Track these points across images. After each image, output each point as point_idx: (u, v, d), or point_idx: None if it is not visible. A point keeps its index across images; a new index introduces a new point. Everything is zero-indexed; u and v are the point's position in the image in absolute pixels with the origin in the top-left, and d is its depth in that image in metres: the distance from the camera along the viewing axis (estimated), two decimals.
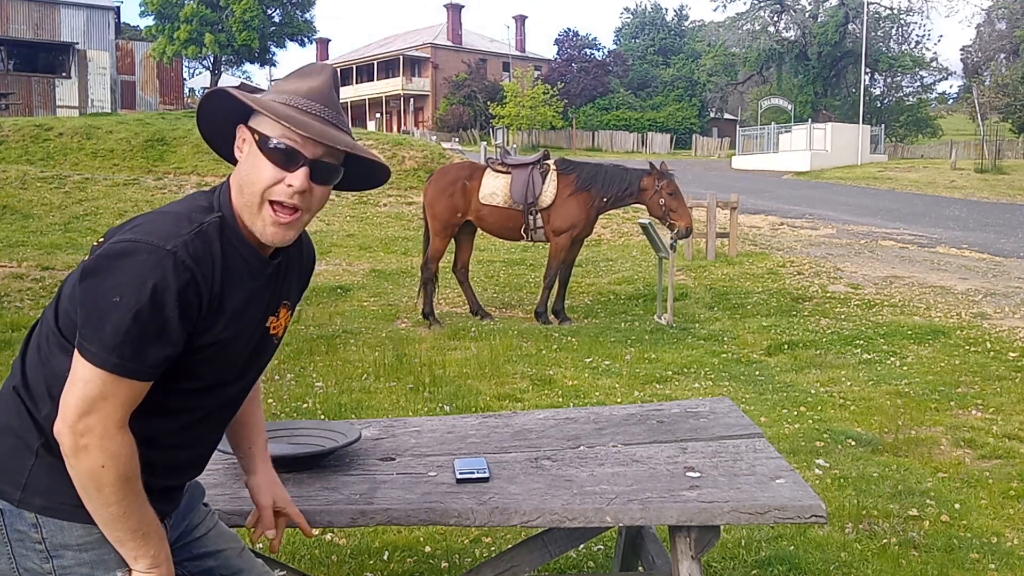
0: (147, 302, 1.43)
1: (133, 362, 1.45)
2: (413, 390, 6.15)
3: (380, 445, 2.46)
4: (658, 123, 58.70)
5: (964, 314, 8.54)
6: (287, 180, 1.55)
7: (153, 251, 1.45)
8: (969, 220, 18.87)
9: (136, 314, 1.43)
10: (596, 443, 2.46)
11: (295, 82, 1.61)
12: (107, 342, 1.44)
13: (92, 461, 1.45)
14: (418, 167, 21.26)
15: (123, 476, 1.48)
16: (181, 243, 1.47)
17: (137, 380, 1.47)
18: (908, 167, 33.28)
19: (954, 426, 5.07)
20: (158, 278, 1.44)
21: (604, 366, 6.82)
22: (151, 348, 1.46)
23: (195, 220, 1.53)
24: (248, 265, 1.61)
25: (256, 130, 1.57)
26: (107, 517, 1.50)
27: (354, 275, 11.54)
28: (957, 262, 12.43)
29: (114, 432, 1.46)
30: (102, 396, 1.45)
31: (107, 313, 1.44)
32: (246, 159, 1.59)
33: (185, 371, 1.56)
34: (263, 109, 1.54)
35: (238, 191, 1.59)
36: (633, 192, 8.55)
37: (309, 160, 1.56)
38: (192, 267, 1.47)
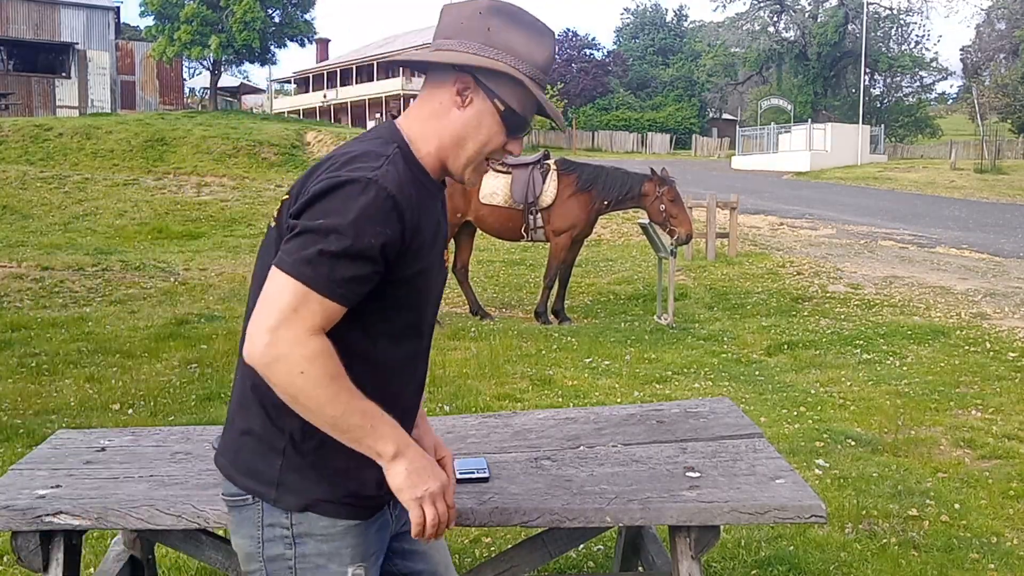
0: (349, 225, 1.45)
1: (326, 278, 1.45)
2: None
3: None
4: (658, 123, 58.65)
5: (964, 314, 8.54)
6: (509, 146, 1.65)
7: (354, 181, 1.48)
8: (969, 220, 18.87)
9: (337, 236, 1.45)
10: (596, 443, 2.46)
11: (526, 43, 1.62)
12: (303, 255, 1.45)
13: (288, 369, 1.44)
14: None
15: (328, 376, 1.46)
16: (382, 171, 1.50)
17: (328, 298, 1.46)
18: (908, 167, 33.27)
19: (954, 426, 5.07)
20: (363, 204, 1.46)
21: (604, 366, 6.82)
22: (345, 267, 1.46)
23: (382, 152, 1.56)
24: (428, 191, 1.63)
25: (497, 94, 1.60)
26: (329, 421, 1.49)
27: None
28: (957, 262, 12.43)
29: (306, 338, 1.45)
30: (292, 308, 1.45)
31: (307, 235, 1.46)
32: (474, 115, 1.61)
33: (396, 302, 1.58)
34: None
35: (454, 141, 1.62)
36: (634, 196, 8.55)
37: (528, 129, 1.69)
38: (394, 193, 1.49)
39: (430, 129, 1.63)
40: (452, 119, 1.62)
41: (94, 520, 2.05)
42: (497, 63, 1.58)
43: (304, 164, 21.65)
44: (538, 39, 1.63)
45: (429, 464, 1.57)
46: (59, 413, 5.65)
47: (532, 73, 1.61)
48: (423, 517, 1.55)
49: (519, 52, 1.60)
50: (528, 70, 1.60)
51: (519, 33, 1.62)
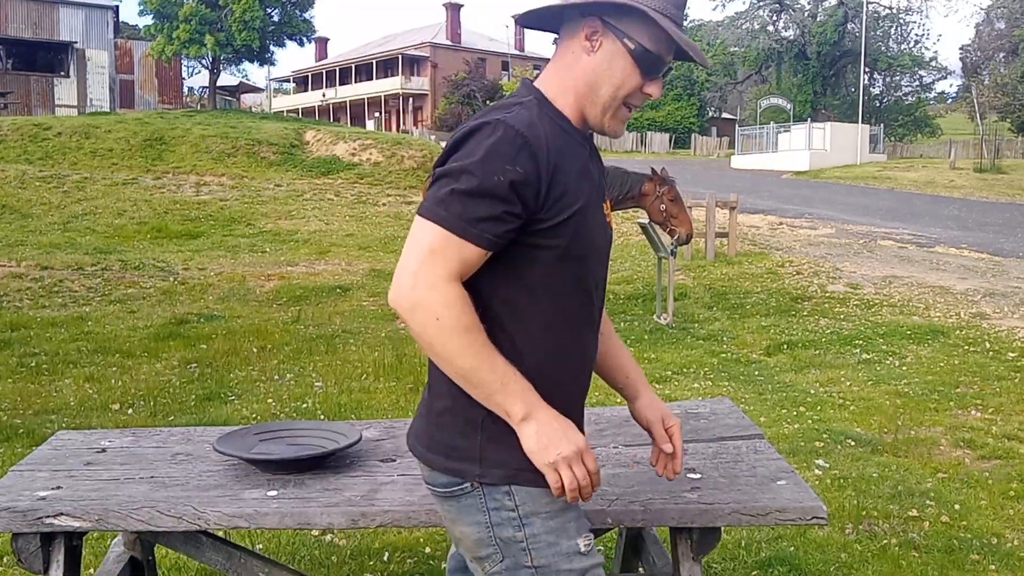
0: (477, 164, 1.45)
1: (459, 217, 1.45)
2: (413, 390, 6.15)
3: (381, 446, 2.46)
4: (657, 122, 58.63)
5: (963, 314, 8.55)
6: (646, 88, 1.59)
7: (485, 124, 1.48)
8: (968, 220, 18.88)
9: (466, 175, 1.45)
10: (597, 444, 2.45)
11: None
12: (437, 197, 1.47)
13: (425, 314, 1.44)
14: (417, 166, 21.28)
15: (462, 325, 1.45)
16: (513, 114, 1.50)
17: (462, 238, 1.45)
18: (907, 167, 33.28)
19: (954, 426, 5.07)
20: (491, 143, 1.46)
21: None
22: (476, 205, 1.45)
23: (516, 101, 1.57)
24: (570, 137, 1.60)
25: (627, 34, 1.55)
26: (461, 373, 1.49)
27: (353, 275, 11.54)
28: (956, 262, 12.44)
29: (442, 284, 1.45)
30: (430, 249, 1.45)
31: (442, 179, 1.48)
32: (606, 58, 1.57)
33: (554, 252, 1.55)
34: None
35: (588, 88, 1.59)
36: (634, 196, 8.52)
37: (669, 66, 1.60)
38: (523, 131, 1.47)
39: (566, 81, 1.60)
40: (583, 65, 1.58)
41: (95, 522, 2.05)
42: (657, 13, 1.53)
43: (303, 163, 21.66)
44: None
45: (562, 427, 1.51)
46: (59, 413, 5.65)
47: (663, 8, 1.54)
48: (559, 481, 1.50)
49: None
50: (659, 4, 1.54)
51: None
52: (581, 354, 1.69)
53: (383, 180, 20.44)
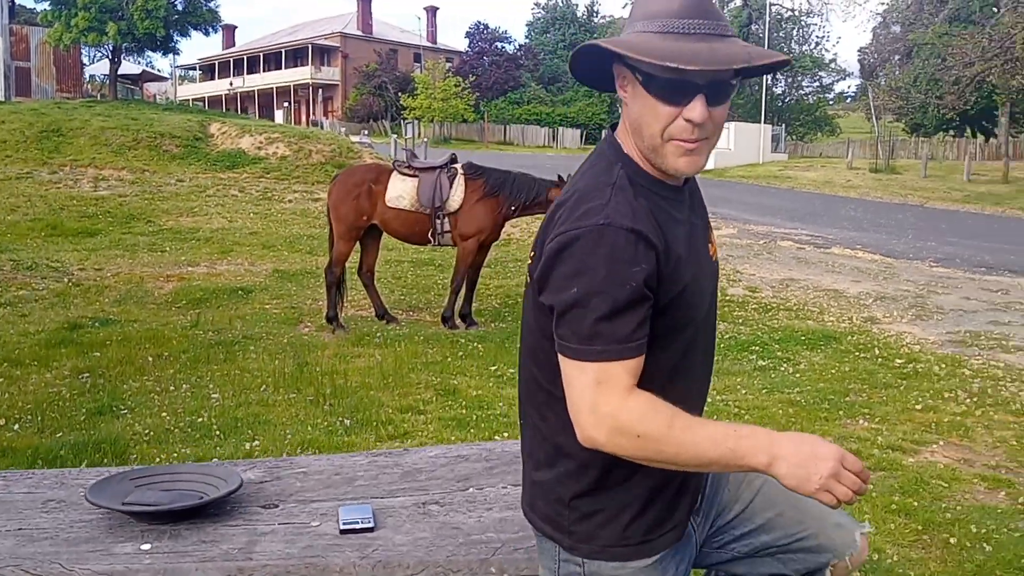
0: (605, 281, 1.42)
1: (613, 342, 1.43)
2: (313, 402, 6.05)
3: (263, 490, 2.40)
4: (569, 118, 59.16)
5: (855, 318, 8.85)
6: (684, 115, 1.46)
7: (588, 232, 1.43)
8: (863, 220, 19.58)
9: (599, 297, 1.42)
10: (486, 484, 2.45)
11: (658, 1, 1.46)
12: (581, 334, 1.44)
13: (629, 439, 1.44)
14: (325, 161, 20.97)
15: (662, 425, 1.44)
16: (611, 208, 1.45)
17: (623, 359, 1.44)
18: (807, 166, 34.33)
19: (842, 436, 5.24)
20: (606, 254, 1.42)
21: (509, 374, 6.83)
22: (624, 322, 1.43)
23: (607, 182, 1.51)
24: (669, 201, 1.56)
25: (637, 68, 1.46)
26: (693, 464, 1.48)
27: (256, 276, 11.30)
28: (851, 264, 12.87)
29: (625, 403, 1.44)
30: (597, 384, 1.44)
31: (571, 312, 1.44)
32: (634, 100, 1.51)
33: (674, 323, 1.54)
34: (635, 54, 1.42)
35: (637, 134, 1.54)
36: (541, 202, 8.59)
37: (702, 87, 1.44)
38: (631, 226, 1.44)
39: (629, 137, 1.57)
40: (627, 114, 1.55)
41: None
42: (602, 43, 1.50)
43: (207, 157, 21.10)
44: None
45: (810, 447, 1.46)
46: None
47: (665, 26, 1.43)
48: (834, 500, 1.45)
49: (653, 11, 1.46)
50: (660, 25, 1.44)
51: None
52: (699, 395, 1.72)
53: (290, 175, 20.07)
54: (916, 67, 42.48)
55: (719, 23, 1.45)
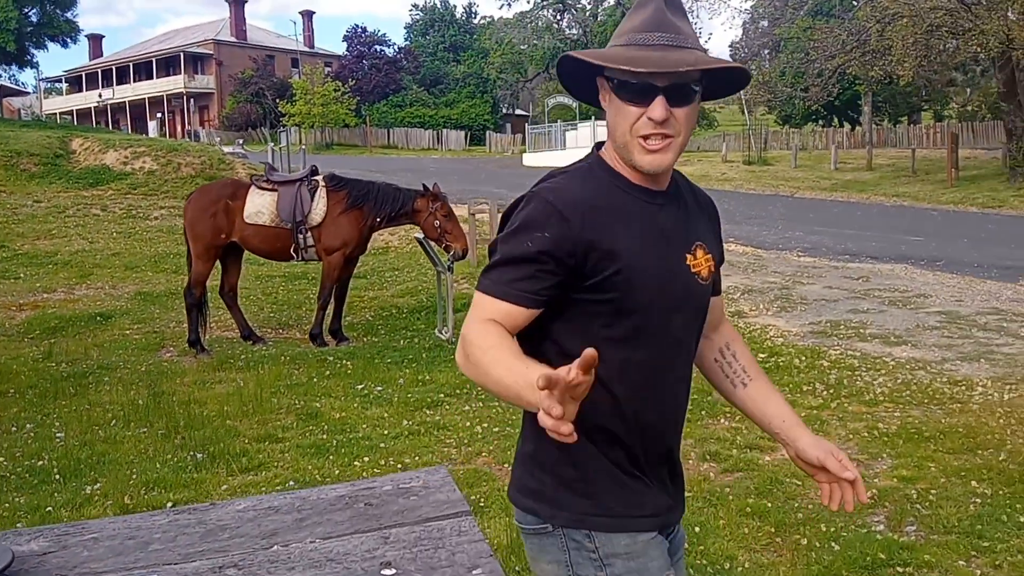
0: (511, 235, 1.63)
1: (495, 282, 1.62)
2: (165, 436, 5.75)
3: (44, 563, 2.17)
4: (452, 120, 59.01)
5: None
6: (647, 114, 1.62)
7: (522, 199, 1.68)
8: (736, 213, 20.05)
9: (501, 246, 1.64)
10: (293, 540, 2.28)
11: (629, 20, 1.68)
12: (484, 270, 1.66)
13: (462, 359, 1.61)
14: (196, 174, 20.27)
15: (483, 349, 1.57)
16: (549, 184, 1.68)
17: (497, 298, 1.61)
18: (684, 160, 35.04)
19: (703, 438, 5.26)
20: (524, 215, 1.63)
21: (376, 393, 6.65)
22: (508, 271, 1.61)
23: (567, 169, 1.74)
24: (632, 197, 1.70)
25: (610, 78, 1.66)
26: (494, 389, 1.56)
27: (117, 300, 10.78)
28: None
29: (472, 325, 1.61)
30: (472, 309, 1.65)
31: (491, 254, 1.68)
32: (609, 107, 1.69)
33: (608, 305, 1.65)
34: (603, 61, 1.64)
35: (611, 136, 1.71)
36: (407, 212, 8.43)
37: (661, 88, 1.61)
38: (551, 199, 1.62)
39: (608, 139, 1.74)
40: (607, 119, 1.71)
41: None
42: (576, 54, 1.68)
43: (69, 175, 20.11)
44: (639, 8, 1.69)
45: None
46: None
47: (630, 40, 1.64)
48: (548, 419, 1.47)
49: (623, 29, 1.68)
50: (626, 40, 1.65)
51: (627, 16, 1.71)
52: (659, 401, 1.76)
53: (158, 190, 19.30)
54: (782, 61, 44.03)
55: (678, 36, 1.63)
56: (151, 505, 4.55)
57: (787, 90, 34.28)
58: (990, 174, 25.66)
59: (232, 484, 4.85)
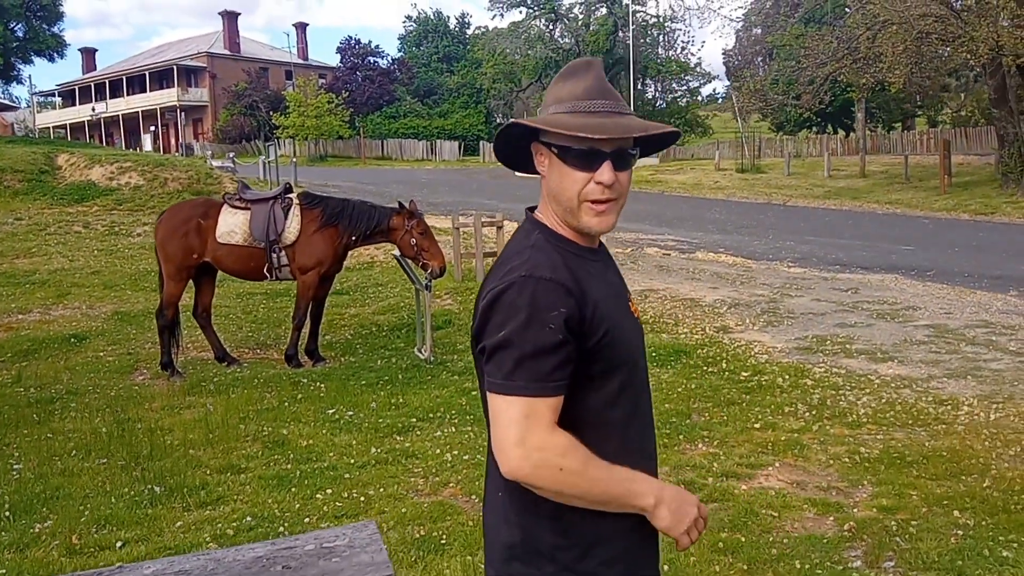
0: (527, 325, 1.59)
1: (535, 379, 1.59)
2: (125, 467, 5.55)
3: None
4: (446, 130, 58.95)
5: (708, 329, 8.82)
6: (595, 179, 1.69)
7: (512, 285, 1.63)
8: (727, 222, 19.93)
9: (522, 339, 1.59)
10: None
11: (569, 86, 1.74)
12: (505, 371, 1.60)
13: (550, 471, 1.59)
14: (183, 189, 20.10)
15: (581, 464, 1.60)
16: (530, 263, 1.66)
17: (545, 395, 1.60)
18: (677, 169, 35.01)
19: (679, 465, 5.08)
20: (529, 301, 1.60)
21: (347, 418, 6.46)
22: (545, 361, 1.59)
23: (525, 245, 1.73)
24: (583, 260, 1.74)
25: (552, 144, 1.71)
26: (599, 502, 1.63)
27: (94, 320, 10.58)
28: (711, 269, 12.97)
29: (549, 438, 1.59)
30: (525, 418, 1.59)
31: (499, 353, 1.61)
32: (551, 172, 1.73)
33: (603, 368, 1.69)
34: (557, 128, 1.68)
35: (554, 201, 1.75)
36: (383, 230, 8.26)
37: (608, 154, 1.68)
38: (549, 276, 1.64)
39: (548, 205, 1.78)
40: (546, 185, 1.77)
41: None
42: (525, 121, 1.74)
43: (54, 191, 19.93)
44: (576, 75, 1.75)
45: (679, 495, 1.69)
46: None
47: (574, 107, 1.70)
48: (689, 541, 1.68)
49: (563, 96, 1.74)
50: (570, 107, 1.71)
51: (561, 80, 1.77)
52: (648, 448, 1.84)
53: (144, 205, 19.12)
54: (775, 68, 43.97)
55: (618, 103, 1.73)
56: (99, 545, 4.37)
57: (779, 98, 34.18)
58: (983, 180, 25.53)
59: (187, 520, 4.66)
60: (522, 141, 1.81)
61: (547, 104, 1.77)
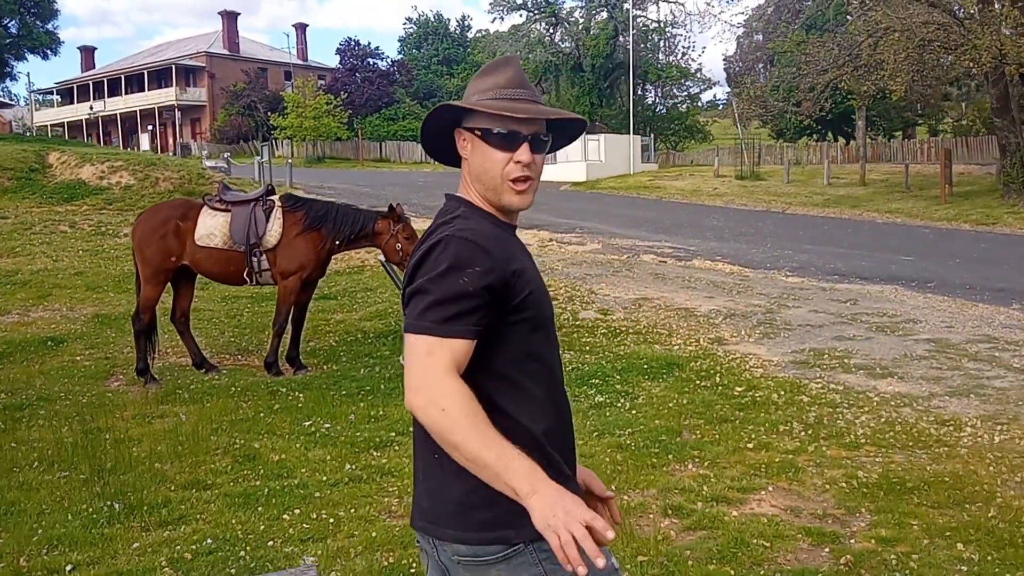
0: (442, 275, 1.70)
1: (439, 321, 1.68)
2: (87, 481, 5.29)
3: None
4: None
5: (702, 340, 8.56)
6: (514, 158, 1.85)
7: (437, 242, 1.75)
8: (725, 230, 19.67)
9: (436, 286, 1.70)
10: None
11: (491, 78, 1.91)
12: (416, 312, 1.72)
13: (434, 407, 1.63)
14: (174, 189, 19.85)
15: (465, 413, 1.62)
16: (454, 227, 1.78)
17: (446, 337, 1.67)
18: (676, 175, 34.75)
19: (667, 487, 4.81)
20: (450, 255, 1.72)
21: (323, 431, 6.19)
22: (450, 307, 1.69)
23: (453, 214, 1.86)
24: (504, 229, 1.89)
25: (476, 127, 1.87)
26: (469, 457, 1.63)
27: (73, 323, 10.32)
28: (708, 277, 12.71)
29: (442, 377, 1.64)
30: (425, 354, 1.67)
31: (415, 297, 1.74)
32: (475, 154, 1.89)
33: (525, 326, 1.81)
34: (483, 108, 1.83)
35: (477, 181, 1.90)
36: (367, 235, 8.01)
37: (527, 136, 1.85)
38: (470, 237, 1.74)
39: (471, 185, 1.92)
40: (469, 164, 1.91)
41: None
42: (454, 103, 1.90)
43: (44, 189, 19.68)
44: (497, 69, 1.93)
45: (559, 494, 1.61)
46: None
47: (497, 94, 1.87)
48: (558, 541, 1.57)
49: (484, 86, 1.90)
50: (493, 95, 1.87)
51: (484, 74, 1.94)
52: (565, 400, 1.96)
53: (134, 205, 18.83)
54: (775, 75, 43.73)
55: (533, 92, 1.92)
56: (48, 568, 4.11)
57: (780, 104, 33.94)
58: (984, 190, 25.30)
59: (144, 541, 4.39)
60: (446, 130, 1.95)
61: (469, 94, 1.92)
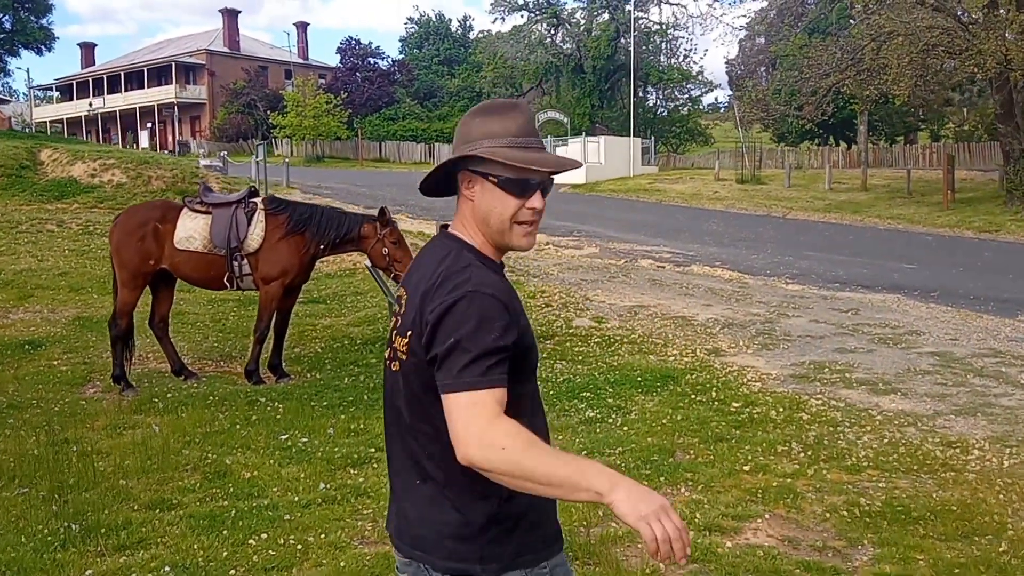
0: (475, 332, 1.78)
1: (481, 375, 1.76)
2: (46, 499, 5.01)
3: None
4: (445, 134, 58.36)
5: (699, 351, 8.28)
6: (527, 204, 1.93)
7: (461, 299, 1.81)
8: (725, 235, 19.39)
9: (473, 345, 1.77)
10: None
11: (500, 123, 1.94)
12: (458, 372, 1.77)
13: (495, 452, 1.68)
14: (167, 187, 19.57)
15: (524, 444, 1.69)
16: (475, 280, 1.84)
17: (489, 388, 1.75)
18: (676, 178, 34.46)
19: None
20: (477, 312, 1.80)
21: (300, 445, 5.91)
22: (488, 360, 1.77)
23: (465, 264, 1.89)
24: (499, 273, 1.97)
25: (490, 173, 1.92)
26: (544, 482, 1.67)
27: (53, 325, 10.03)
28: (706, 284, 12.44)
29: (494, 422, 1.72)
30: (471, 407, 1.74)
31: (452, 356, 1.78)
32: (483, 196, 1.94)
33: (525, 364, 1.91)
34: (501, 159, 1.89)
35: (483, 223, 1.95)
36: (353, 239, 7.74)
37: (538, 183, 1.95)
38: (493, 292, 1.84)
39: (470, 226, 1.96)
40: (474, 208, 1.95)
41: None
42: (472, 151, 1.92)
43: (35, 187, 19.39)
44: (508, 114, 1.95)
45: (640, 486, 1.67)
46: None
47: (511, 142, 1.91)
48: (654, 533, 1.61)
49: (496, 132, 1.92)
50: (507, 143, 1.91)
51: (491, 118, 1.95)
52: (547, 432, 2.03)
53: (126, 204, 18.40)
54: (777, 78, 43.47)
55: (540, 139, 1.98)
56: None
57: (781, 108, 33.67)
58: (987, 197, 25.02)
59: (98, 568, 4.11)
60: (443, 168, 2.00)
61: (476, 138, 1.93)
